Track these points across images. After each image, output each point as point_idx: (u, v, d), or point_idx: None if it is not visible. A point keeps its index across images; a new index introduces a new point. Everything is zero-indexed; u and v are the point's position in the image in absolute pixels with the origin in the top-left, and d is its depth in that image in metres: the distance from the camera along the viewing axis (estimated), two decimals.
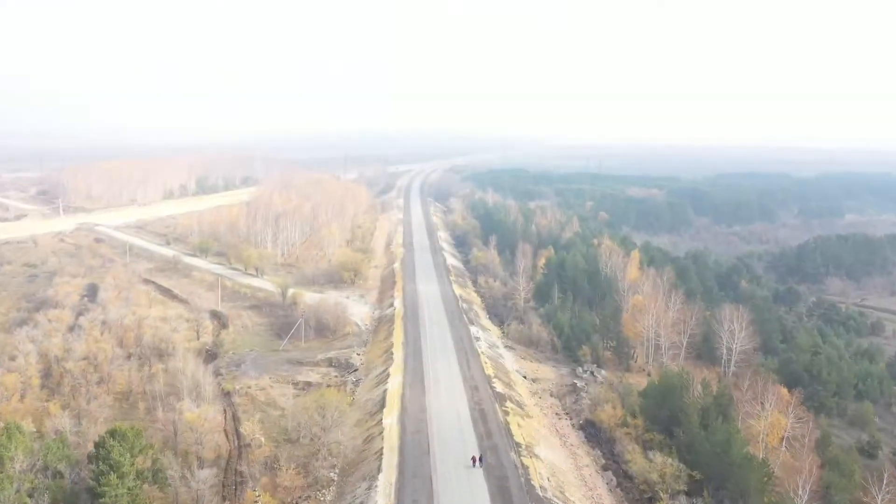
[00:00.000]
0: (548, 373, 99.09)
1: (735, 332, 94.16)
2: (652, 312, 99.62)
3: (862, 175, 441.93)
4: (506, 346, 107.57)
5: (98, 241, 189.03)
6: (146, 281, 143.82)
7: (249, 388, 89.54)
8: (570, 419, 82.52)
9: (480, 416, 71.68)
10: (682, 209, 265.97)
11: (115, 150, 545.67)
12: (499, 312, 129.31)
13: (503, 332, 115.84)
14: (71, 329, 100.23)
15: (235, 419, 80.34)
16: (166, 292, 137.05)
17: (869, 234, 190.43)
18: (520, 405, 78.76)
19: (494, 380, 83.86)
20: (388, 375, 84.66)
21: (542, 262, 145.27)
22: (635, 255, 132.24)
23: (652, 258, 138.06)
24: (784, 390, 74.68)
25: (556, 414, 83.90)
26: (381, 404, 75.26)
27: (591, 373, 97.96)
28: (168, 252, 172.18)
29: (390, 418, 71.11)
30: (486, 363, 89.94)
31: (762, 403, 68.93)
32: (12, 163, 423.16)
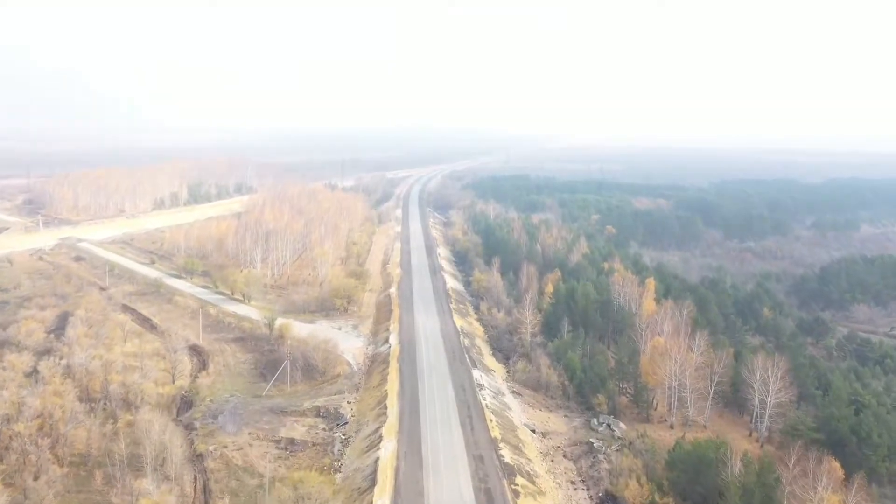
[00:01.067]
0: (559, 424, 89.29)
1: (769, 382, 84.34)
2: (675, 357, 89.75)
3: (870, 181, 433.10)
4: (512, 392, 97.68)
5: (79, 259, 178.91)
6: (125, 308, 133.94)
7: (226, 447, 79.75)
8: (588, 489, 72.76)
9: (487, 499, 61.77)
10: (691, 222, 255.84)
11: (112, 154, 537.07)
12: (503, 346, 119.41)
13: (508, 373, 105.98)
14: (29, 375, 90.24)
15: (206, 492, 70.58)
16: (145, 322, 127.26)
17: None
18: (531, 478, 68.87)
19: (501, 444, 73.93)
20: (381, 438, 74.79)
21: (548, 287, 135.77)
22: (650, 284, 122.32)
23: (668, 287, 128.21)
24: (837, 466, 64.87)
25: (571, 482, 74.11)
26: (372, 480, 65.30)
27: (608, 425, 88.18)
28: (152, 273, 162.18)
29: (381, 501, 61.24)
30: (491, 421, 79.98)
31: (815, 487, 59.20)
32: (6, 168, 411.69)
